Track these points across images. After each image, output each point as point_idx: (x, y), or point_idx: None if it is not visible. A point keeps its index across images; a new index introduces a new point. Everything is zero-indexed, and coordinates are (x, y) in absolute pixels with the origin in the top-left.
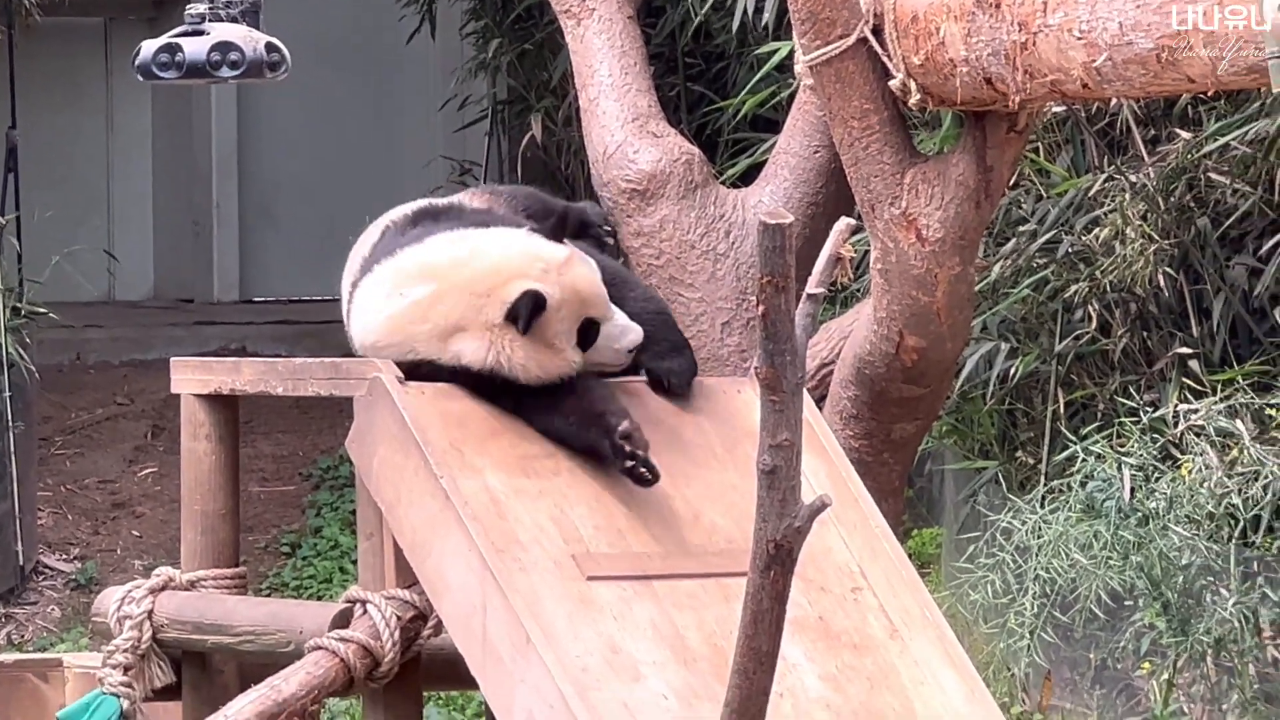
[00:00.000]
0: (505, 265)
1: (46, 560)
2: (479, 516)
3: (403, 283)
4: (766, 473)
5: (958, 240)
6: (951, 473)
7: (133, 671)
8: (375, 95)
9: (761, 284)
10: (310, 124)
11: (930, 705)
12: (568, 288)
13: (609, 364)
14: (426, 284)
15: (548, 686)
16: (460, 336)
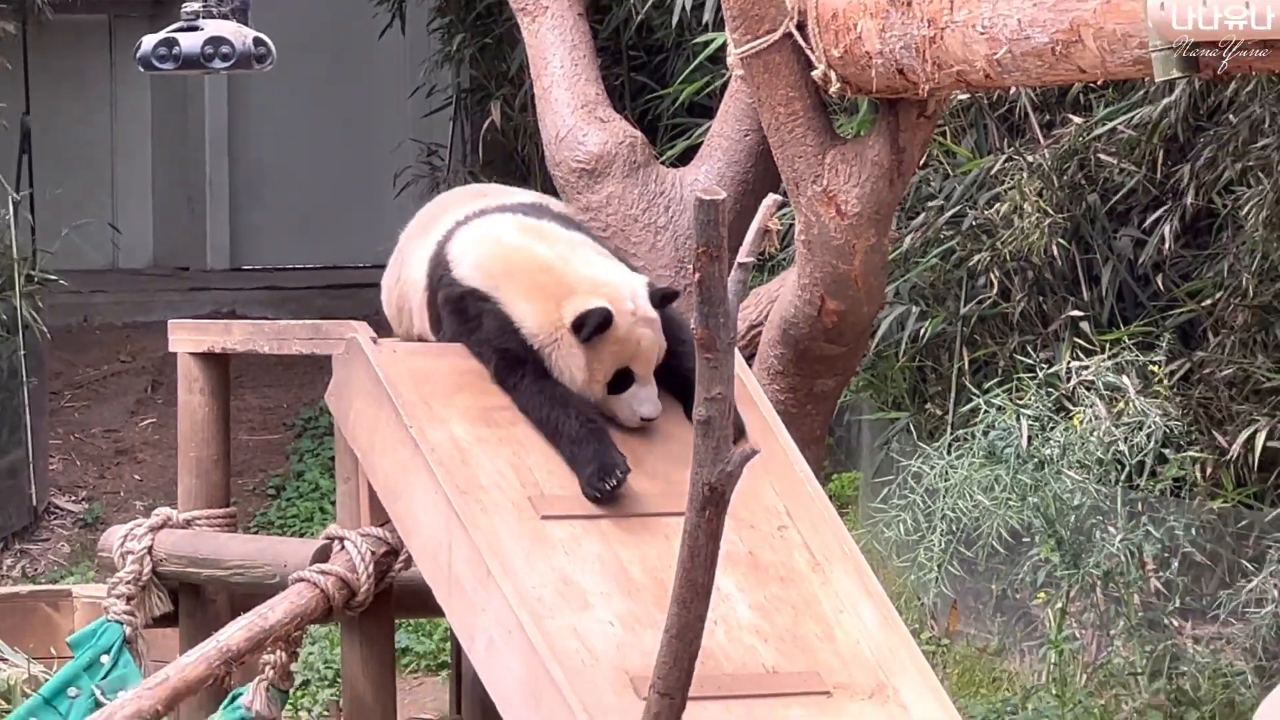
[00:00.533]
0: (607, 285)
1: (57, 501)
2: (445, 462)
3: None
4: (702, 423)
5: (873, 214)
6: (867, 423)
7: (134, 601)
8: (351, 84)
9: (697, 254)
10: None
11: (849, 632)
12: (633, 334)
13: (619, 418)
14: (551, 251)
15: (506, 614)
16: (535, 309)
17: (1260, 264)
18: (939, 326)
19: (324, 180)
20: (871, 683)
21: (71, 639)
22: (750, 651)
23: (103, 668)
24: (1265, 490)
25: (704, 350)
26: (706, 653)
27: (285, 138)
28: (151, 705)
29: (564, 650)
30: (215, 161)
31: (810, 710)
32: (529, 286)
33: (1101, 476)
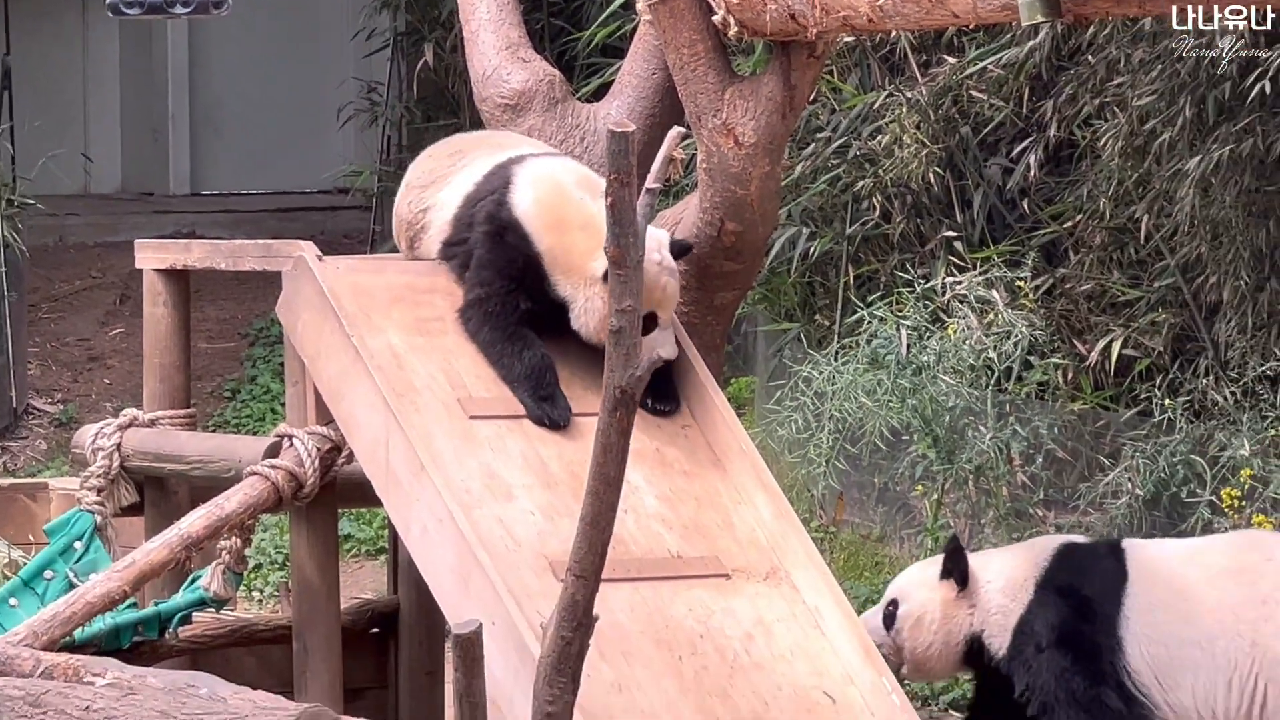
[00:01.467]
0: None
1: (35, 403)
2: (383, 368)
3: (590, 195)
4: (615, 332)
5: (768, 145)
6: (762, 332)
7: (104, 493)
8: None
9: (609, 180)
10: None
11: (746, 521)
12: (659, 282)
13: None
14: (596, 208)
15: (438, 505)
16: (571, 264)
17: (1116, 189)
18: (827, 246)
19: (275, 113)
20: (766, 566)
21: (47, 527)
22: (657, 538)
23: (76, 553)
24: (1120, 394)
25: (615, 266)
26: (617, 539)
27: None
28: (119, 586)
29: (490, 537)
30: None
31: (711, 591)
32: (571, 243)
33: (973, 381)
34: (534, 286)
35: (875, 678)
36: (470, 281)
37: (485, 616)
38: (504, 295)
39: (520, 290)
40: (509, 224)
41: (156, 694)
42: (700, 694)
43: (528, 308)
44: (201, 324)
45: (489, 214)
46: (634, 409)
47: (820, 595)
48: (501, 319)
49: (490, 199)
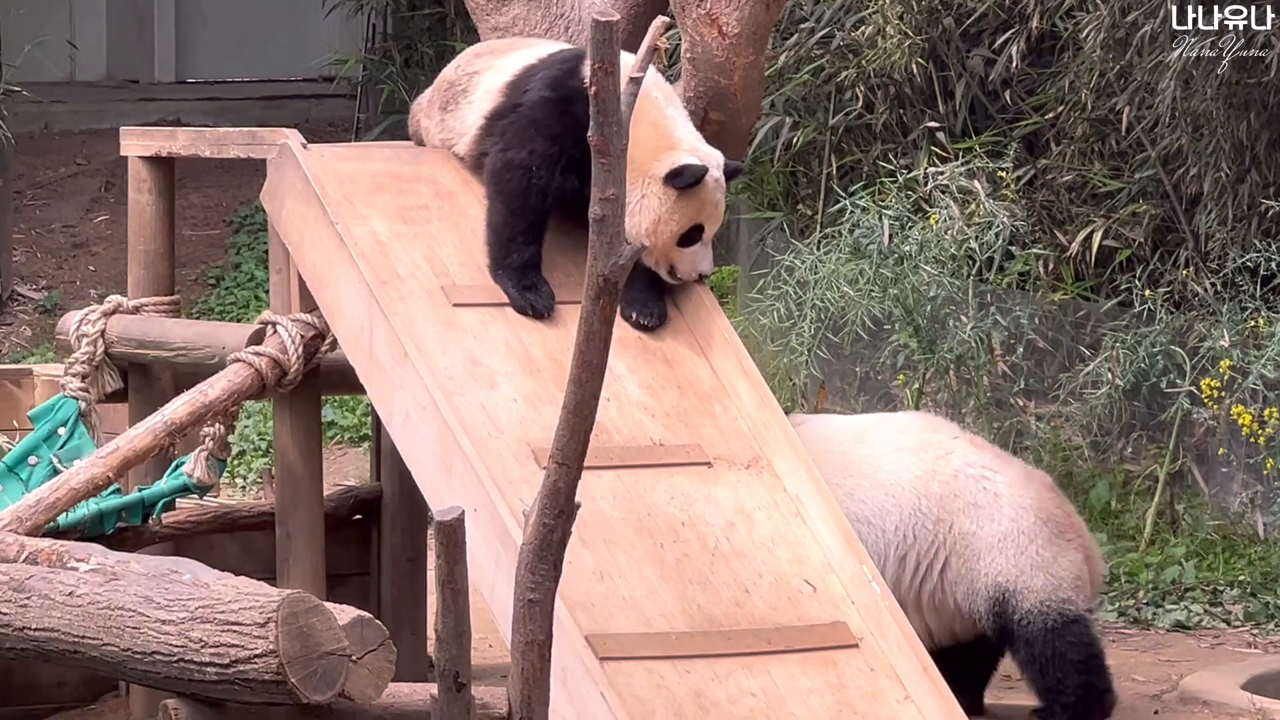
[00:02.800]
0: (700, 148)
1: (20, 289)
2: (366, 255)
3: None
4: (598, 220)
5: (751, 35)
6: (745, 221)
7: (89, 379)
8: None
9: (594, 69)
10: None
11: (728, 409)
12: (713, 196)
13: (678, 269)
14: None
15: (421, 391)
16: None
17: (1098, 81)
18: (810, 136)
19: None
20: (748, 455)
21: (32, 413)
22: (639, 426)
23: (60, 439)
24: (1101, 284)
25: (599, 155)
26: (600, 427)
27: None
28: (103, 472)
29: (473, 424)
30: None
31: (693, 479)
32: (639, 135)
33: (955, 271)
34: (579, 167)
35: (856, 566)
36: (509, 142)
37: (467, 503)
38: (545, 164)
39: (560, 166)
40: (577, 94)
41: (140, 579)
42: (681, 581)
43: (559, 184)
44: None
45: (555, 80)
46: (617, 297)
47: (801, 484)
48: (528, 194)
49: (560, 67)
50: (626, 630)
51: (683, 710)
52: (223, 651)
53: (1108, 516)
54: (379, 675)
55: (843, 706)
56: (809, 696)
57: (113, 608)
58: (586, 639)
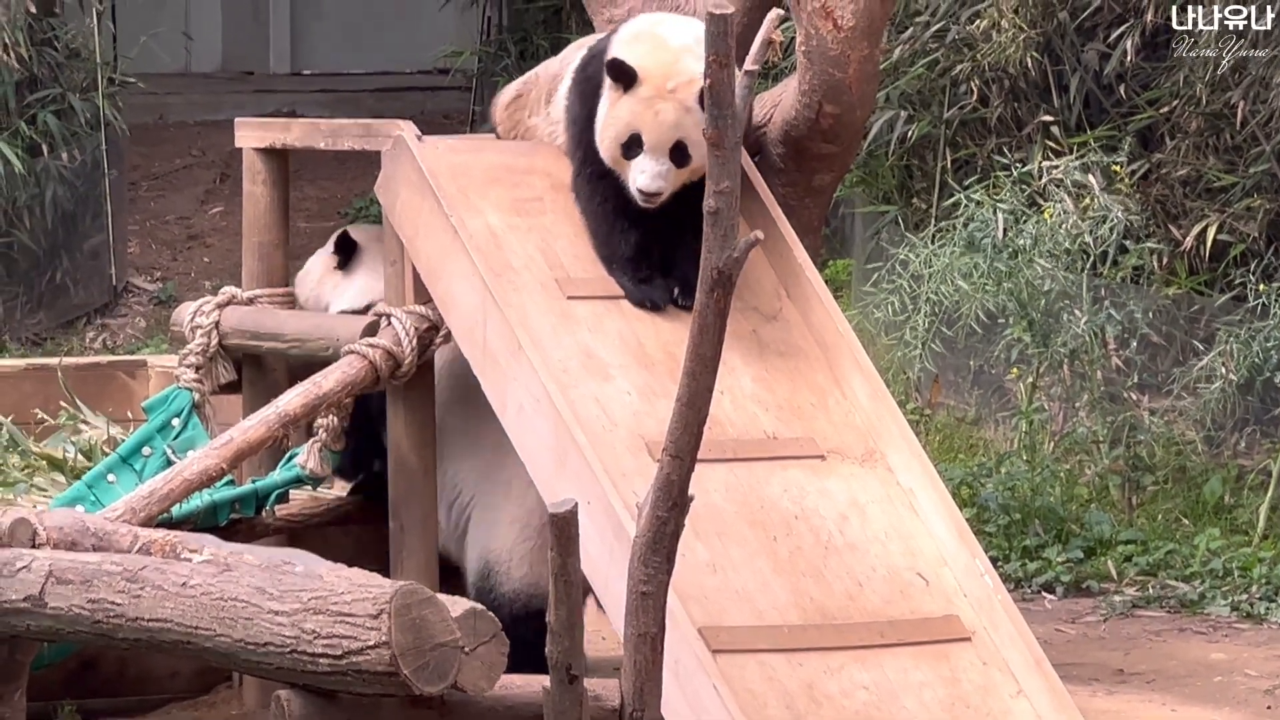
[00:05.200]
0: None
1: (135, 281)
2: (481, 248)
3: (694, 41)
4: (712, 214)
5: (866, 28)
6: (860, 214)
7: (203, 370)
8: None
9: (709, 62)
10: None
11: (841, 402)
12: (652, 106)
13: (629, 184)
14: (687, 43)
15: (535, 384)
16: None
17: (1212, 75)
18: (924, 129)
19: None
20: (862, 448)
21: (146, 404)
22: (753, 419)
23: (174, 430)
24: (1215, 278)
25: (714, 148)
26: (713, 419)
27: None
28: (217, 463)
29: (587, 417)
30: None
31: (806, 472)
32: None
33: (1069, 265)
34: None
35: (969, 560)
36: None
37: (581, 496)
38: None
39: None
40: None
41: (253, 570)
42: (794, 574)
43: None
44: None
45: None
46: (731, 290)
47: (915, 477)
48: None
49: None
50: (739, 623)
51: (795, 703)
52: (335, 643)
53: (1221, 511)
54: (491, 667)
55: (955, 700)
56: (921, 690)
57: (226, 599)
58: (699, 631)
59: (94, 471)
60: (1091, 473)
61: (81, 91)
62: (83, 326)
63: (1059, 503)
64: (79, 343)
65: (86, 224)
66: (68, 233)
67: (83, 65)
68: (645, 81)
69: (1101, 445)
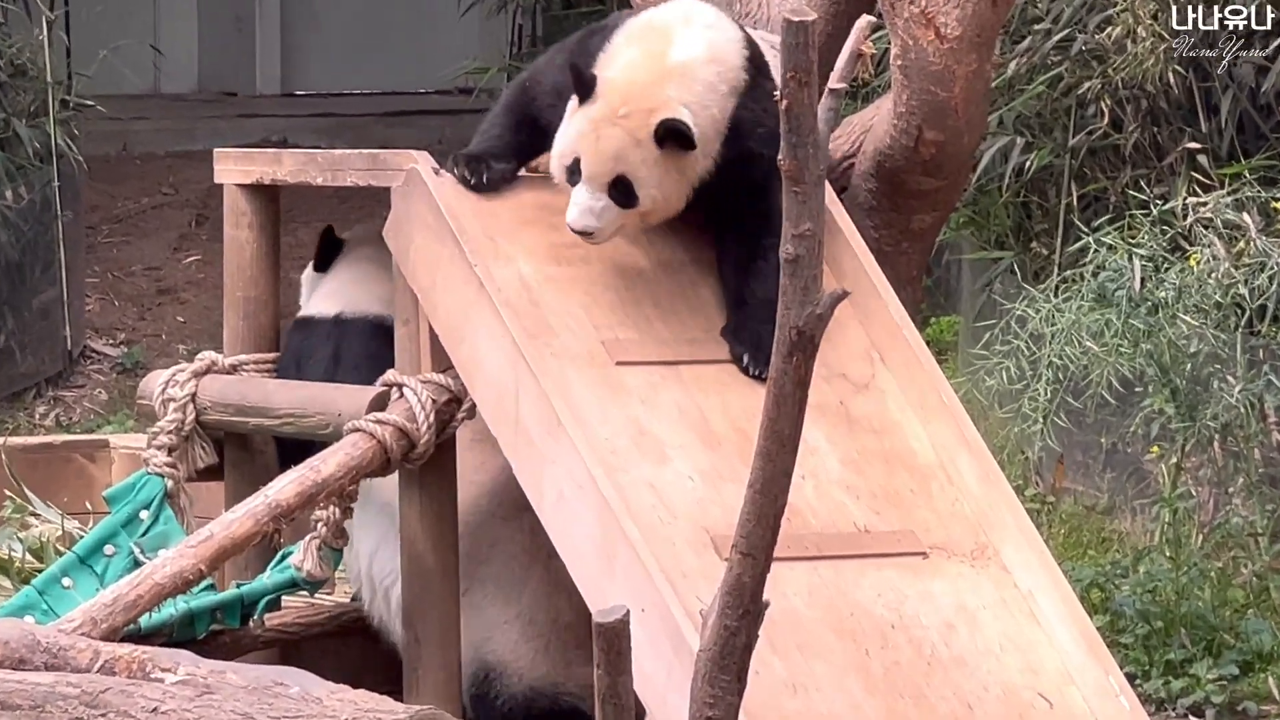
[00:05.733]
0: (636, 85)
1: (93, 345)
2: (512, 303)
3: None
4: (790, 261)
5: (975, 37)
6: (968, 262)
7: (177, 452)
8: None
9: (785, 79)
10: None
11: (946, 488)
12: (594, 129)
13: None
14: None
15: (577, 467)
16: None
17: None
18: (1045, 159)
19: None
20: (971, 543)
21: (108, 493)
22: (840, 508)
23: (142, 524)
24: None
25: (792, 183)
26: (793, 509)
27: None
28: (194, 564)
29: (639, 506)
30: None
31: (905, 572)
32: (620, 58)
33: (1220, 322)
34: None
35: (1100, 676)
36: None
37: (633, 601)
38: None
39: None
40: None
41: (238, 693)
42: (891, 695)
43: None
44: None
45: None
46: (813, 354)
47: (1035, 577)
48: None
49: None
50: None
51: None
52: None
53: None
54: None
55: None
56: None
57: None
58: None
59: (46, 575)
60: (1248, 572)
61: (28, 117)
62: (31, 400)
63: (1209, 608)
64: (26, 419)
65: (35, 277)
66: (12, 287)
67: (30, 85)
68: (601, 97)
69: (1260, 539)
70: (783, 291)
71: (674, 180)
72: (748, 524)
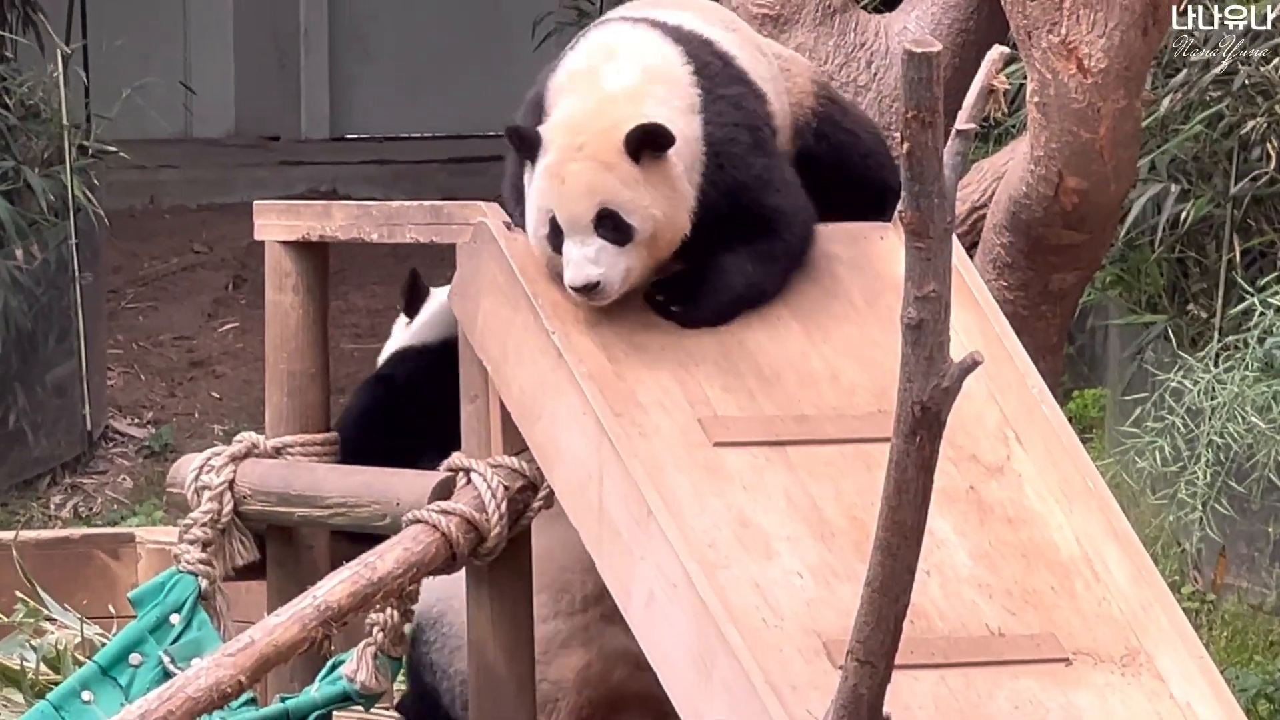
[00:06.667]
0: (578, 116)
1: (117, 425)
2: (595, 375)
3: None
4: (912, 327)
5: (1123, 71)
6: (1116, 328)
7: (212, 548)
8: None
9: (906, 119)
10: None
11: (1092, 585)
12: (562, 170)
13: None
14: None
15: (670, 563)
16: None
17: None
18: (1204, 209)
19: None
20: (1120, 648)
21: (134, 594)
22: (971, 609)
23: (172, 629)
24: None
25: (914, 238)
26: (917, 610)
27: None
28: (233, 675)
29: (741, 608)
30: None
31: (1045, 681)
32: (561, 106)
33: None
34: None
35: None
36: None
37: (734, 715)
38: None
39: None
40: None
41: None
42: None
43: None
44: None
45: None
46: (939, 433)
47: (1194, 687)
48: None
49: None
50: None
51: None
52: None
53: None
54: None
55: None
56: None
57: None
58: None
59: (63, 687)
60: None
61: (42, 165)
62: (46, 488)
63: None
64: (41, 510)
65: (49, 347)
66: (24, 360)
67: (43, 129)
68: (550, 145)
69: None
70: (904, 362)
71: (666, 193)
72: (865, 627)
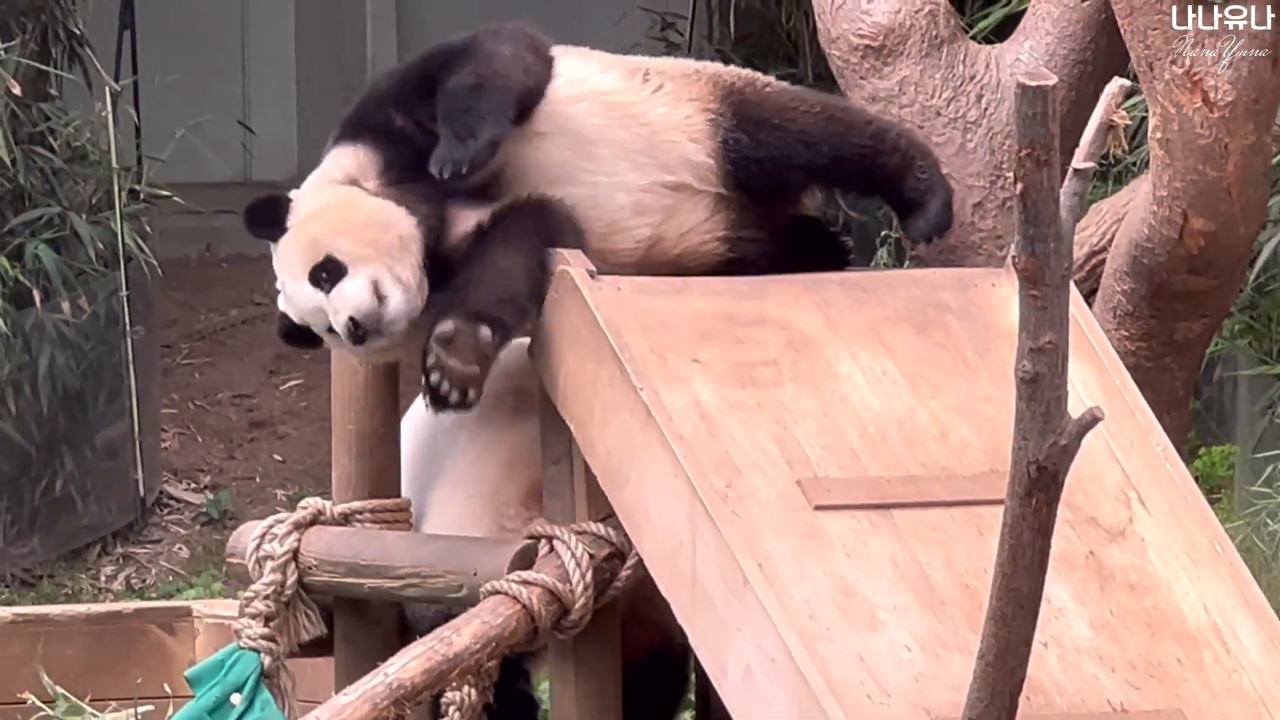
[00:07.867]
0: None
1: (172, 490)
2: (686, 436)
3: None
4: (1027, 381)
5: (1252, 104)
6: (1246, 380)
7: (275, 622)
8: None
9: (1020, 157)
10: None
11: (1221, 656)
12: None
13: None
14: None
15: (768, 635)
16: None
17: None
18: None
19: None
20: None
21: (191, 673)
22: (1091, 683)
23: (233, 710)
24: None
25: (1029, 285)
26: (1034, 685)
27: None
28: None
29: (845, 682)
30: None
31: None
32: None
33: None
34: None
35: None
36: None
37: None
38: None
39: None
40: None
41: None
42: None
43: None
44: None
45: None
46: (1057, 494)
47: None
48: None
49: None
50: None
51: None
52: None
53: None
54: None
55: None
56: None
57: None
58: None
59: None
60: None
61: (89, 211)
62: (96, 558)
63: None
64: (90, 582)
65: (99, 408)
66: (72, 421)
67: (91, 172)
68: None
69: None
70: (1018, 419)
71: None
72: (979, 704)
